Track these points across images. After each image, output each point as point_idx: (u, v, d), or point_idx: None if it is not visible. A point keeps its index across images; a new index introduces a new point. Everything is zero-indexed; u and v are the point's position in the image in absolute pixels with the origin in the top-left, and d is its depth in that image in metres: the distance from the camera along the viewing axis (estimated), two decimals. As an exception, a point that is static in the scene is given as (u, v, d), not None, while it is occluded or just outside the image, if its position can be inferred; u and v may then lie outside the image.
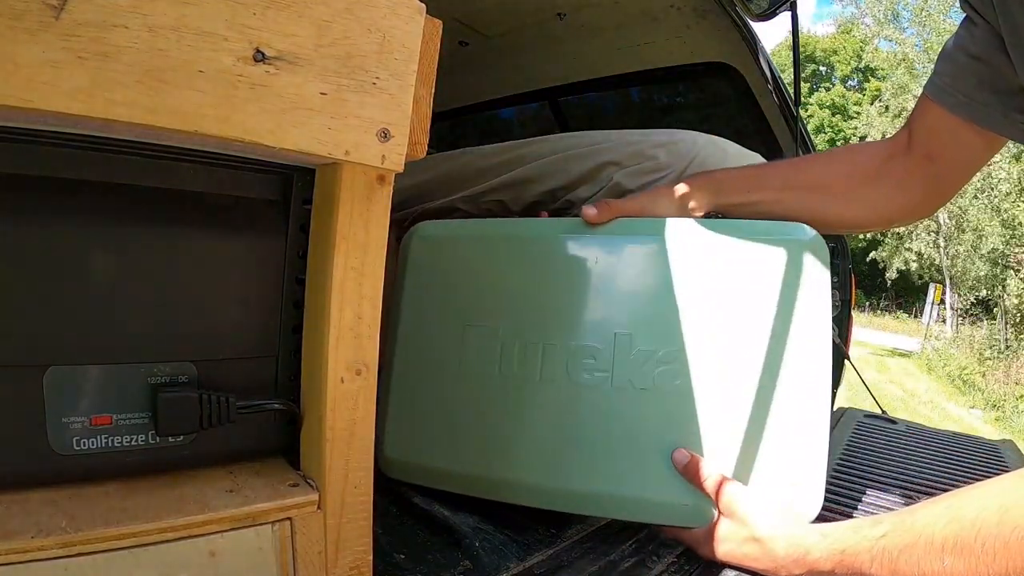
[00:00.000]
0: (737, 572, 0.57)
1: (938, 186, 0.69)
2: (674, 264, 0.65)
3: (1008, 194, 10.72)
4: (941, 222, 12.79)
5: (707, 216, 0.70)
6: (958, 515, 0.42)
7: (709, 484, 0.58)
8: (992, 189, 11.05)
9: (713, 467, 0.60)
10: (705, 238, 0.65)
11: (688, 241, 0.65)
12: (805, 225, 0.64)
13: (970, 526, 0.41)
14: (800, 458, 0.59)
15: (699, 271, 0.64)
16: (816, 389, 0.60)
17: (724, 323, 0.62)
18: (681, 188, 0.72)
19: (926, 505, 0.46)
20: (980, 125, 0.62)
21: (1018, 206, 10.60)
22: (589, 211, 0.68)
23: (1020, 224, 10.54)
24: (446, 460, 0.68)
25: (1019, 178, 10.58)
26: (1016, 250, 10.97)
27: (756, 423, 0.60)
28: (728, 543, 0.57)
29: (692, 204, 0.70)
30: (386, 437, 0.71)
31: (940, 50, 0.66)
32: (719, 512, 0.58)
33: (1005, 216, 10.92)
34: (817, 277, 0.61)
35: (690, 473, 0.59)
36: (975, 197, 11.41)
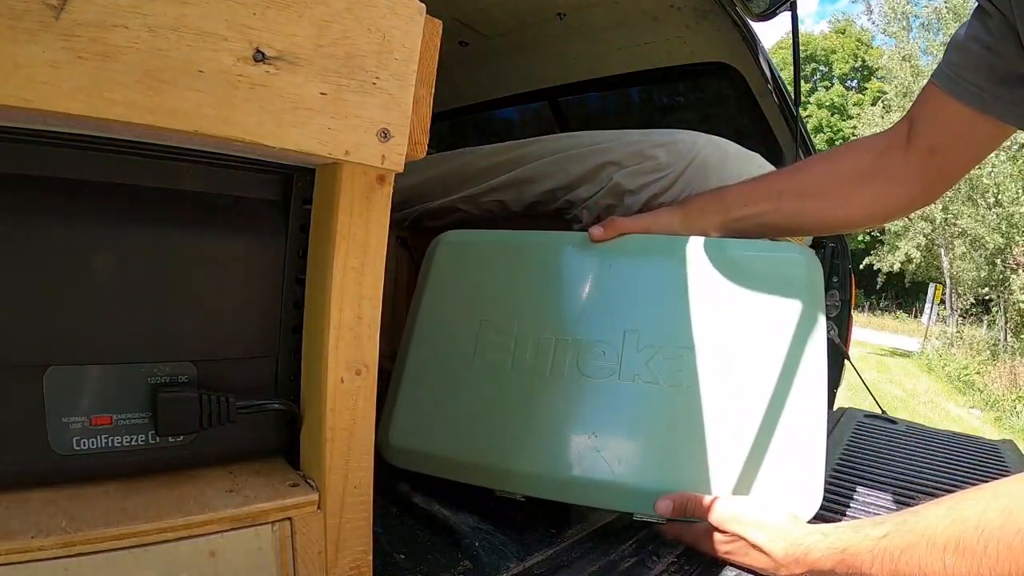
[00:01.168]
0: (737, 572, 0.57)
1: (939, 178, 0.68)
2: (681, 279, 0.68)
3: (1017, 196, 10.68)
4: (936, 221, 12.77)
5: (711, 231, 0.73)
6: (960, 516, 0.42)
7: (702, 510, 0.58)
8: (988, 190, 11.01)
9: (711, 471, 0.60)
10: (709, 256, 0.69)
11: (694, 259, 0.69)
12: (799, 245, 0.67)
13: (973, 528, 0.41)
14: (798, 458, 0.60)
15: (703, 286, 0.68)
16: (813, 392, 0.62)
17: (726, 331, 0.65)
18: (685, 206, 0.74)
19: (928, 506, 0.46)
20: (990, 114, 0.61)
21: (1017, 207, 10.57)
22: (596, 230, 0.71)
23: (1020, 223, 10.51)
24: (452, 449, 0.69)
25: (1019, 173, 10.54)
26: (1016, 251, 10.94)
27: (756, 422, 0.61)
28: (728, 544, 0.57)
29: (696, 222, 0.73)
30: (393, 425, 0.72)
31: (950, 40, 0.66)
32: (723, 532, 0.58)
33: (1003, 213, 10.89)
34: (811, 292, 0.65)
35: (679, 510, 0.59)
36: (969, 199, 11.39)
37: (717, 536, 0.58)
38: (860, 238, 17.33)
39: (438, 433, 0.70)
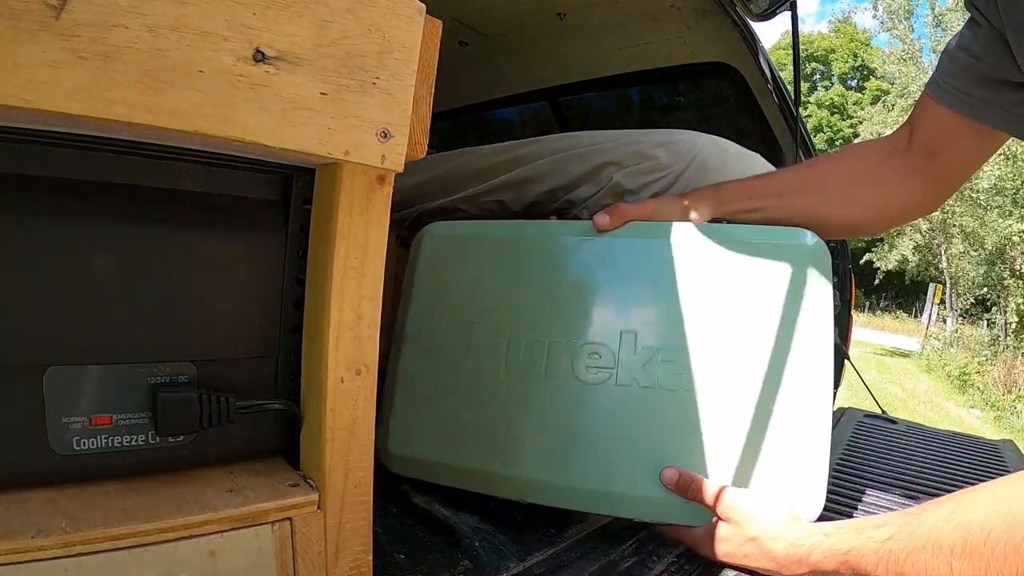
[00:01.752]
0: (737, 572, 0.57)
1: (939, 183, 0.69)
2: (679, 267, 0.66)
3: (995, 195, 10.65)
4: (934, 219, 12.73)
5: (713, 221, 0.71)
6: (965, 519, 0.42)
7: (705, 495, 0.58)
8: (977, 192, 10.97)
9: (712, 476, 0.60)
10: (710, 242, 0.66)
11: (694, 245, 0.66)
12: (807, 231, 0.64)
13: (978, 530, 0.41)
14: (802, 459, 0.59)
15: (704, 274, 0.65)
16: (818, 391, 0.60)
17: (727, 325, 0.63)
18: (689, 196, 0.73)
19: (929, 508, 0.46)
20: (979, 121, 0.62)
21: (1009, 212, 10.55)
22: (601, 219, 0.70)
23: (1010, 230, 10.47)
24: (450, 456, 0.68)
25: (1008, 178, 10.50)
26: (1014, 252, 10.94)
27: (758, 423, 0.61)
28: (728, 544, 0.57)
29: (702, 211, 0.72)
30: (390, 433, 0.71)
31: (943, 50, 0.66)
32: (718, 518, 0.59)
33: (989, 218, 10.87)
34: (818, 282, 0.62)
35: (682, 488, 0.59)
36: (971, 201, 11.36)
37: (717, 537, 0.58)
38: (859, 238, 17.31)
39: (434, 440, 0.69)
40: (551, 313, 0.69)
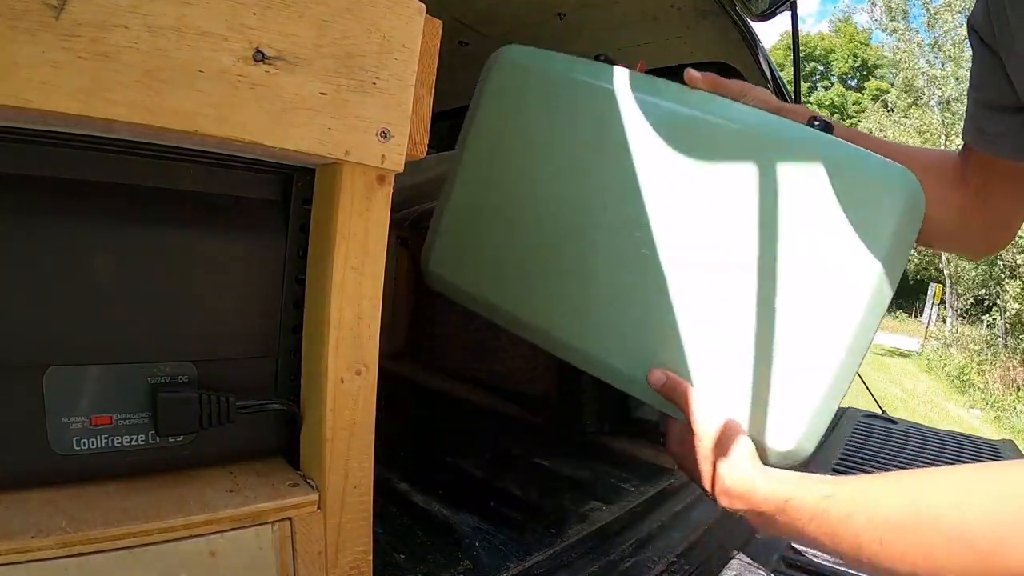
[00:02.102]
0: (737, 572, 0.58)
1: (996, 223, 0.67)
2: (760, 166, 0.58)
3: None
4: None
5: (811, 124, 0.59)
6: (907, 498, 0.42)
7: (683, 403, 0.57)
8: None
9: (704, 382, 0.58)
10: (806, 147, 0.56)
11: (786, 145, 0.57)
12: (908, 170, 0.54)
13: (914, 513, 0.40)
14: (794, 394, 0.54)
15: (780, 178, 0.57)
16: (854, 340, 0.53)
17: (787, 240, 0.56)
18: (783, 108, 0.66)
19: (877, 478, 0.46)
20: (995, 155, 0.60)
21: None
22: (693, 73, 0.65)
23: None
24: (483, 288, 0.69)
25: None
26: (1013, 252, 10.94)
27: (777, 346, 0.55)
28: (689, 455, 0.56)
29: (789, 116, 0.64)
30: (433, 251, 0.72)
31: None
32: (692, 431, 0.56)
33: None
34: (904, 228, 0.53)
35: (667, 391, 0.58)
36: None
37: (684, 442, 0.57)
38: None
39: (471, 268, 0.69)
40: (611, 176, 0.64)
